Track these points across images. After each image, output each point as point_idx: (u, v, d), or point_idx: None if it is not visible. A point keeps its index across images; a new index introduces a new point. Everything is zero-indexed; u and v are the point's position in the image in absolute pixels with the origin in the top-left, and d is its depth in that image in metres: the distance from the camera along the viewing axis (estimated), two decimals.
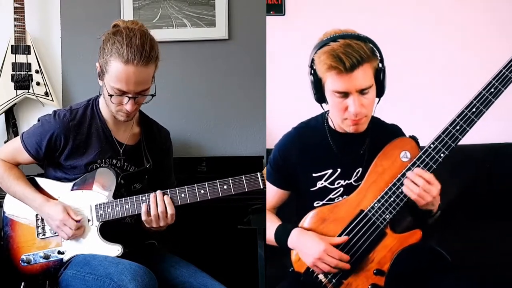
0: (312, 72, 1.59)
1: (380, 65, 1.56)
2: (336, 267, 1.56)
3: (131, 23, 1.78)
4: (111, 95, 1.75)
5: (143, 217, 1.79)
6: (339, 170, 1.66)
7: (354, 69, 1.51)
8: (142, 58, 1.70)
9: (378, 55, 1.56)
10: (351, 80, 1.53)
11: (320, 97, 1.61)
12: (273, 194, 1.73)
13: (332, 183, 1.66)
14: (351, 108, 1.55)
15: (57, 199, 1.87)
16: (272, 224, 1.69)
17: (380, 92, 1.60)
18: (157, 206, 1.77)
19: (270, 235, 1.68)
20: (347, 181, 1.65)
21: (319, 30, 1.63)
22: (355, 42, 1.52)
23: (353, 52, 1.51)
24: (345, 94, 1.55)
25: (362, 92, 1.55)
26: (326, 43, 1.54)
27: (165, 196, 1.78)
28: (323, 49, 1.54)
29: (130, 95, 1.75)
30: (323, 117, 1.70)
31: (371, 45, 1.55)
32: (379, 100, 1.62)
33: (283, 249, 1.65)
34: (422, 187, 1.52)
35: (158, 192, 1.79)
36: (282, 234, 1.65)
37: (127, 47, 1.69)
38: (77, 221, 1.80)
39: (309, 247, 1.59)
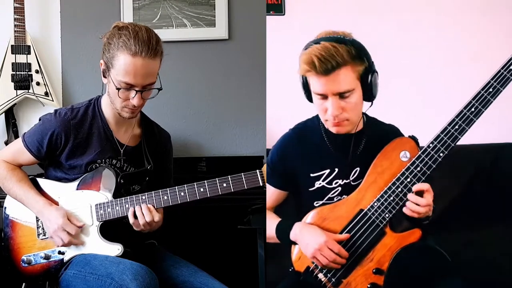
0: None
1: (368, 68, 1.57)
2: (334, 262, 1.57)
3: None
4: (118, 89, 1.75)
5: (131, 220, 1.80)
6: (336, 170, 1.66)
7: (329, 73, 1.53)
8: (149, 50, 1.72)
9: (365, 59, 1.56)
10: (328, 83, 1.55)
11: (308, 96, 1.65)
12: (271, 194, 1.74)
13: (330, 183, 1.67)
14: (328, 111, 1.58)
15: (57, 201, 1.87)
16: (272, 221, 1.70)
17: (368, 96, 1.61)
18: (144, 216, 1.78)
19: (269, 233, 1.69)
20: (345, 181, 1.66)
21: (319, 30, 1.64)
22: (334, 45, 1.53)
23: (328, 56, 1.52)
24: (324, 96, 1.58)
25: (341, 95, 1.56)
26: (309, 45, 1.57)
27: (143, 206, 1.78)
28: (304, 51, 1.57)
29: (137, 89, 1.76)
30: (318, 118, 1.70)
31: (354, 48, 1.55)
32: (371, 104, 1.63)
33: (284, 244, 1.66)
34: (421, 203, 1.54)
35: (143, 206, 1.79)
36: (284, 228, 1.66)
37: (134, 40, 1.71)
38: (78, 227, 1.80)
39: (310, 238, 1.60)
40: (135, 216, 1.79)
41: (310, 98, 1.65)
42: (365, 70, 1.57)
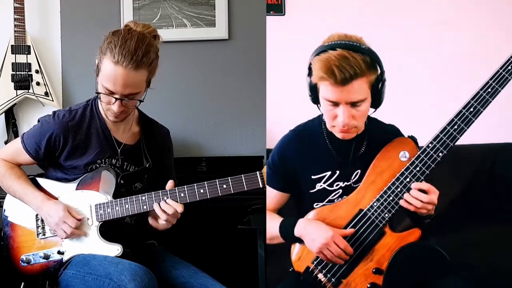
0: (309, 74, 1.58)
1: (379, 77, 1.54)
2: (339, 257, 1.57)
3: (142, 26, 1.79)
4: (99, 93, 1.76)
5: (162, 227, 1.82)
6: (337, 172, 1.66)
7: (347, 83, 1.50)
8: (132, 61, 1.69)
9: (377, 68, 1.54)
10: (343, 92, 1.52)
11: (315, 99, 1.62)
12: (273, 197, 1.73)
13: (331, 185, 1.66)
14: (339, 118, 1.56)
15: (57, 199, 1.87)
16: (274, 220, 1.68)
17: (376, 103, 1.59)
18: (165, 212, 1.77)
19: (272, 233, 1.68)
20: (346, 183, 1.65)
21: (319, 30, 1.63)
22: (352, 55, 1.49)
23: (347, 66, 1.48)
24: (336, 104, 1.55)
25: (353, 104, 1.54)
26: (325, 50, 1.53)
27: (168, 200, 1.77)
28: (320, 56, 1.52)
29: (117, 96, 1.75)
30: (320, 119, 1.70)
31: (370, 57, 1.52)
32: (375, 110, 1.61)
33: (288, 242, 1.65)
34: (423, 200, 1.53)
35: (162, 202, 1.78)
36: (288, 225, 1.64)
37: (120, 48, 1.70)
38: (78, 220, 1.80)
39: (316, 232, 1.59)
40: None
41: (315, 101, 1.62)
42: (376, 79, 1.54)
